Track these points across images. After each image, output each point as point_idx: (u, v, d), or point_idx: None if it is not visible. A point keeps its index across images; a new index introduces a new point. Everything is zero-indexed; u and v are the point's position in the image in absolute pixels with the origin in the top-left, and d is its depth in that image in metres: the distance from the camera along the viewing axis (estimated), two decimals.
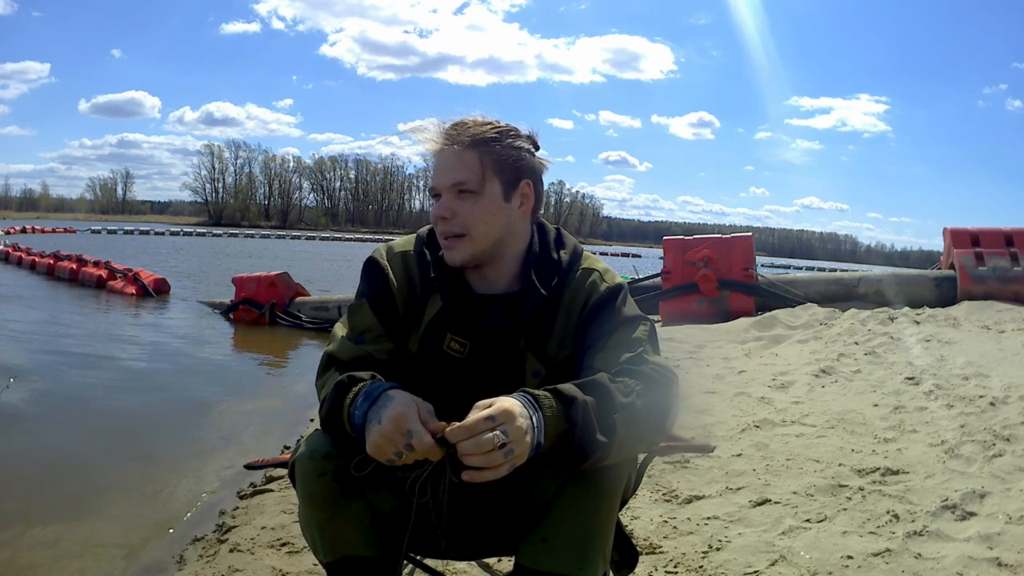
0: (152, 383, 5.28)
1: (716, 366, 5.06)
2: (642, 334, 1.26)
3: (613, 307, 1.28)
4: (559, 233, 1.38)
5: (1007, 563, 1.95)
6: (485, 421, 0.98)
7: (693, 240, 8.31)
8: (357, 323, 1.31)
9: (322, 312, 8.54)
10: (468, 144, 1.26)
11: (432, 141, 1.29)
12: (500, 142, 1.28)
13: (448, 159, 1.27)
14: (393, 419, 1.04)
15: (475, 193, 1.26)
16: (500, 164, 1.27)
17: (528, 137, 1.33)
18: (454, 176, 1.26)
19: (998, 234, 7.74)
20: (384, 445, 1.04)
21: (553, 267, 1.31)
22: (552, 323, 1.29)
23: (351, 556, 1.21)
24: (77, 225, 48.10)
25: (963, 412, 3.43)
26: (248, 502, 2.82)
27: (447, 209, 1.26)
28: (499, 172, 1.27)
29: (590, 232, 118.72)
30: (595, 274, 1.33)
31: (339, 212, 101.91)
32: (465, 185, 1.26)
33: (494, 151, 1.27)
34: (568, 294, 1.30)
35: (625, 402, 1.11)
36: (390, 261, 1.34)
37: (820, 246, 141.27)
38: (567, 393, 1.07)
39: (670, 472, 2.80)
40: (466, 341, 1.29)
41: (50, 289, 11.70)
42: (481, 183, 1.26)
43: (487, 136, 1.27)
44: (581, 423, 1.05)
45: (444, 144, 1.28)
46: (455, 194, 1.26)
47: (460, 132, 1.27)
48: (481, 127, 1.28)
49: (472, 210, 1.26)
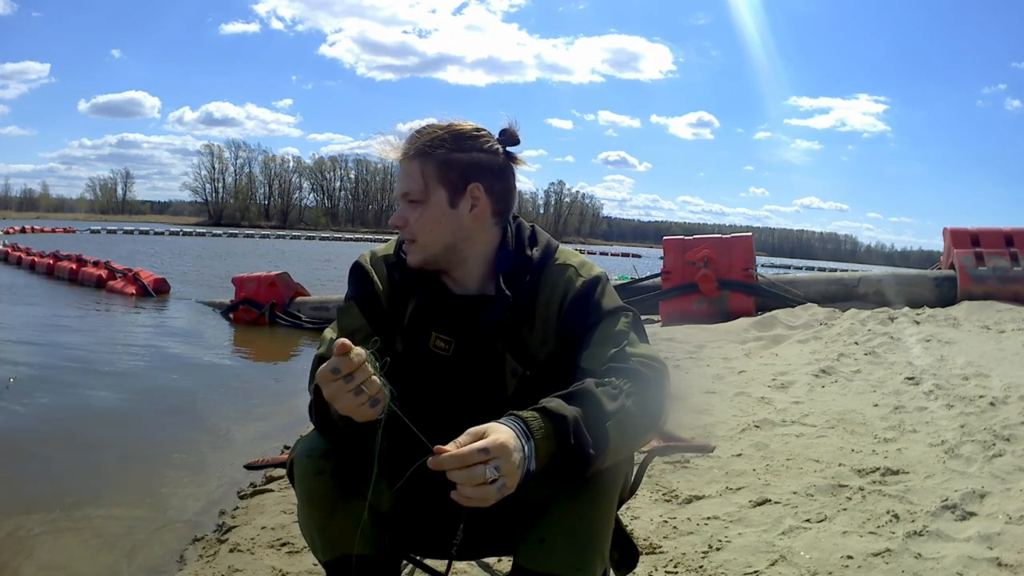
0: (152, 383, 5.27)
1: (716, 366, 5.06)
2: (624, 326, 1.25)
3: (592, 300, 1.27)
4: (533, 231, 1.38)
5: (1007, 563, 1.95)
6: (479, 453, 0.95)
7: (693, 240, 8.31)
8: (346, 324, 1.32)
9: (322, 312, 8.54)
10: (412, 154, 1.29)
11: (392, 151, 1.33)
12: (445, 148, 1.28)
13: (401, 168, 1.31)
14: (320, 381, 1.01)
15: (420, 203, 1.29)
16: (443, 172, 1.28)
17: (490, 137, 1.32)
18: (401, 186, 1.31)
19: (998, 234, 7.74)
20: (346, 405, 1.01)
21: (525, 265, 1.31)
22: (531, 321, 1.29)
23: (350, 555, 1.21)
24: (77, 225, 48.09)
25: (963, 412, 3.43)
26: (248, 502, 2.82)
27: (400, 218, 1.31)
28: (442, 180, 1.28)
29: (590, 232, 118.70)
30: (571, 269, 1.32)
31: (339, 212, 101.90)
32: (411, 195, 1.29)
33: (436, 159, 1.28)
34: (544, 291, 1.30)
35: (615, 407, 1.09)
36: (374, 265, 1.36)
37: (820, 246, 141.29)
38: (556, 411, 1.04)
39: (670, 472, 2.80)
40: (451, 339, 1.29)
41: (49, 289, 11.69)
42: (425, 192, 1.28)
43: (429, 144, 1.28)
44: (573, 442, 1.03)
45: (396, 154, 1.32)
46: (406, 203, 1.30)
47: (410, 142, 1.30)
48: (429, 135, 1.29)
49: (418, 219, 1.29)
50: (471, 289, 1.33)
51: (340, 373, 0.99)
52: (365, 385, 1.01)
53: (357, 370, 1.00)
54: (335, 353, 0.99)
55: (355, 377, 1.00)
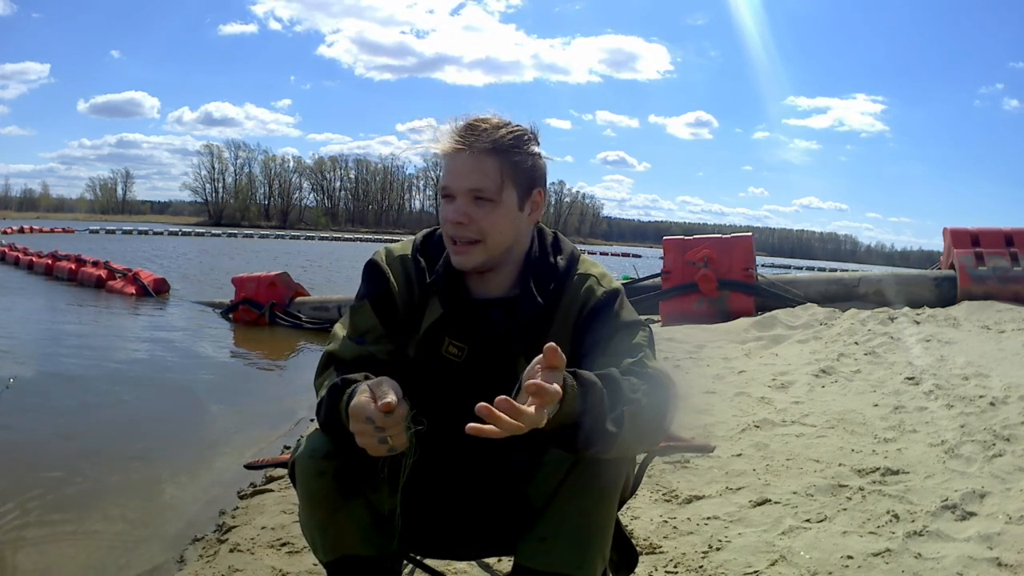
0: (151, 383, 5.27)
1: (716, 366, 5.06)
2: (642, 339, 1.25)
3: (611, 312, 1.27)
4: (556, 237, 1.38)
5: (1007, 563, 1.95)
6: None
7: (693, 240, 8.31)
8: (359, 323, 1.31)
9: (322, 312, 8.53)
10: (488, 150, 1.23)
11: (447, 141, 1.25)
12: (519, 149, 1.25)
13: (465, 162, 1.23)
14: (352, 416, 1.05)
15: (492, 201, 1.24)
16: (517, 172, 1.25)
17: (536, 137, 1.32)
18: (472, 182, 1.23)
19: (998, 234, 7.74)
20: (367, 444, 1.05)
21: (550, 272, 1.31)
22: (547, 329, 1.28)
23: (351, 556, 1.22)
24: (77, 225, 48.02)
25: (963, 412, 3.43)
26: (248, 502, 2.82)
27: (463, 214, 1.24)
28: (516, 181, 1.25)
29: (590, 232, 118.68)
30: (591, 279, 1.32)
31: (339, 212, 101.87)
32: (483, 193, 1.23)
33: (513, 159, 1.25)
34: (565, 300, 1.30)
35: (634, 397, 1.11)
36: (390, 264, 1.34)
37: (820, 246, 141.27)
38: (586, 377, 1.06)
39: (670, 472, 2.80)
40: (464, 345, 1.28)
41: (48, 289, 11.68)
42: (499, 191, 1.24)
43: (507, 143, 1.24)
44: (594, 409, 1.04)
45: (460, 145, 1.24)
46: (471, 199, 1.24)
47: (479, 135, 1.24)
48: (499, 130, 1.25)
49: (489, 218, 1.24)
50: (498, 292, 1.32)
51: (374, 423, 1.02)
52: (392, 438, 1.04)
53: (392, 427, 1.03)
54: (381, 408, 1.02)
55: (387, 431, 1.03)
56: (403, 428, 1.04)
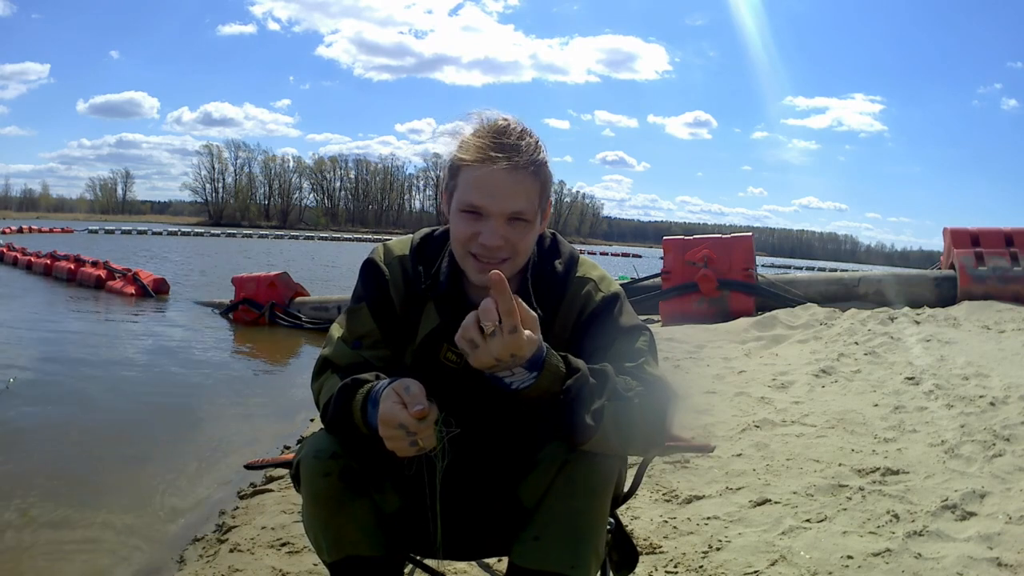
0: (151, 383, 5.27)
1: (716, 366, 5.05)
2: (643, 344, 1.25)
3: (610, 317, 1.26)
4: (554, 239, 1.35)
5: (1007, 563, 1.95)
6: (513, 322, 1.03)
7: (693, 240, 8.31)
8: (355, 327, 1.30)
9: (322, 312, 8.53)
10: (529, 169, 1.16)
11: (479, 152, 1.16)
12: (545, 164, 1.21)
13: (505, 181, 1.15)
14: (382, 423, 1.06)
15: (528, 222, 1.19)
16: (545, 190, 1.22)
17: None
18: (514, 204, 1.16)
19: (998, 234, 7.74)
20: (397, 447, 1.06)
21: (550, 277, 1.29)
22: (546, 335, 1.27)
23: (355, 556, 1.21)
24: (76, 225, 48.05)
25: (963, 412, 3.43)
26: (248, 502, 2.82)
27: (500, 238, 1.16)
28: (543, 197, 1.22)
29: (590, 232, 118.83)
30: (590, 283, 1.30)
31: (339, 212, 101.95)
32: (525, 215, 1.17)
33: (543, 177, 1.20)
34: (565, 304, 1.29)
35: (623, 396, 1.11)
36: (388, 264, 1.32)
37: (820, 246, 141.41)
38: (575, 365, 1.10)
39: (670, 472, 2.80)
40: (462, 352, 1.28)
41: (48, 289, 11.67)
42: (535, 212, 1.20)
43: (539, 160, 1.19)
44: (575, 394, 1.08)
45: (496, 160, 1.15)
46: (506, 220, 1.17)
47: (520, 152, 1.16)
48: (532, 143, 1.19)
49: (524, 238, 1.19)
50: None
51: (407, 429, 1.04)
52: (423, 440, 1.05)
53: (423, 431, 1.05)
54: (414, 414, 1.03)
55: (418, 435, 1.05)
56: (434, 430, 1.06)
